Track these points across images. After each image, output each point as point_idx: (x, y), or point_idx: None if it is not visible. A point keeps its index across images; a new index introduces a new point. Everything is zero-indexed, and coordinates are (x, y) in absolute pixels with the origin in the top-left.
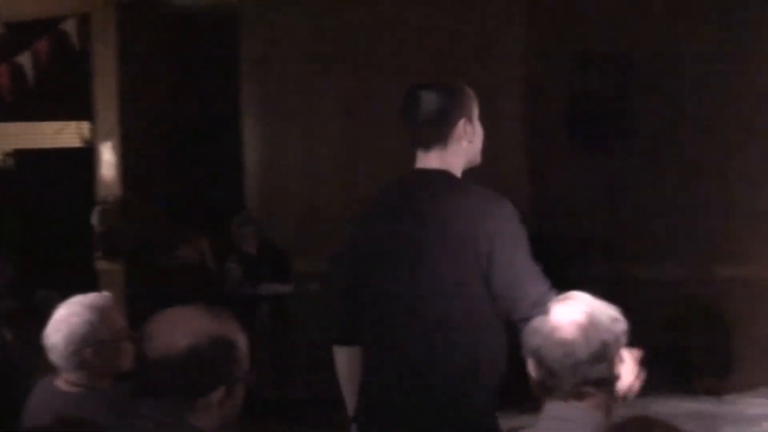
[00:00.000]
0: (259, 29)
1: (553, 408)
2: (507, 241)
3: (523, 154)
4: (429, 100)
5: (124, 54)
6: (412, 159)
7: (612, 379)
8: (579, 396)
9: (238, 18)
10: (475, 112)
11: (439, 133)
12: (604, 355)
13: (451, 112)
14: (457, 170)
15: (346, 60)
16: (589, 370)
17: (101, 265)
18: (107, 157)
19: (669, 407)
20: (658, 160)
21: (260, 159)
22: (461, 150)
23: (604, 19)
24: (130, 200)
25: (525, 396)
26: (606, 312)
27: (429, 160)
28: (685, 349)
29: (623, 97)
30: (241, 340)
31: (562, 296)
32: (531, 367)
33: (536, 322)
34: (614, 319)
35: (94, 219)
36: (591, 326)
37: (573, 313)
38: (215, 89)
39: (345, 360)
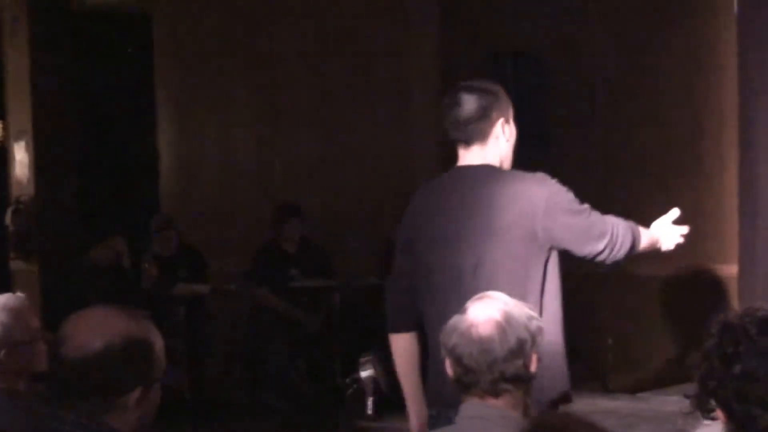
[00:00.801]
0: (173, 26)
1: (471, 407)
2: (560, 212)
3: (435, 152)
4: (471, 100)
5: (37, 52)
6: (454, 157)
7: (528, 376)
8: (496, 393)
9: (153, 15)
10: (511, 113)
11: (479, 132)
12: (521, 353)
13: (491, 112)
14: (496, 165)
15: (261, 59)
16: (505, 367)
17: (16, 265)
18: (20, 156)
19: (585, 405)
20: (571, 156)
21: (175, 158)
22: (498, 148)
23: (518, 15)
24: (43, 200)
25: None
26: (522, 310)
27: (469, 157)
28: (601, 348)
29: (537, 94)
30: (158, 341)
31: (478, 295)
32: (449, 366)
33: (453, 320)
34: (530, 317)
35: (8, 219)
36: (507, 324)
37: (489, 311)
38: (130, 87)
39: (407, 347)
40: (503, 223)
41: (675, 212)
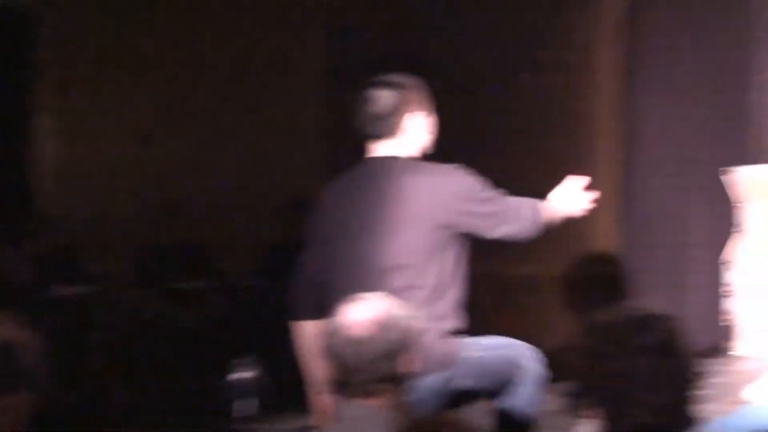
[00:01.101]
0: (57, 25)
1: (348, 407)
2: (472, 201)
3: (322, 166)
4: (383, 96)
5: None
6: (362, 150)
7: (405, 376)
8: (372, 394)
9: (33, 16)
10: (427, 105)
11: (392, 126)
12: (397, 353)
13: (404, 106)
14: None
15: (148, 59)
16: (382, 367)
17: None
18: None
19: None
20: (466, 166)
21: (57, 158)
22: (414, 140)
23: (407, 29)
24: None
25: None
26: (399, 311)
27: (382, 149)
28: None
29: None
30: (28, 345)
31: (356, 296)
32: (327, 366)
33: (330, 321)
34: (407, 318)
35: None
36: (385, 324)
37: (366, 311)
38: (7, 88)
39: (311, 334)
40: (415, 214)
41: (581, 179)
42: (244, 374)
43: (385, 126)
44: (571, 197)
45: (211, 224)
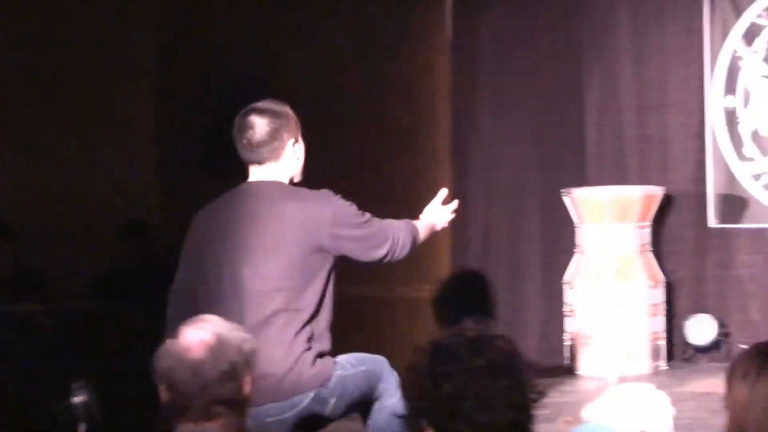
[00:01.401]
0: None
1: (184, 431)
2: (344, 226)
3: (157, 189)
4: (263, 123)
5: None
6: (245, 175)
7: (242, 399)
8: (209, 417)
9: None
10: (299, 131)
11: (271, 153)
12: (233, 375)
13: (283, 134)
14: (286, 183)
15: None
16: (218, 390)
17: None
18: None
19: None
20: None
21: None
22: (288, 167)
23: (240, 47)
24: None
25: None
26: (235, 333)
27: (262, 174)
28: None
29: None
30: None
31: (192, 319)
32: (161, 390)
33: (165, 344)
34: (243, 340)
35: None
36: (220, 347)
37: (202, 333)
38: None
39: None
40: (290, 238)
41: (443, 192)
42: (76, 399)
43: (263, 152)
44: (437, 212)
45: (47, 248)
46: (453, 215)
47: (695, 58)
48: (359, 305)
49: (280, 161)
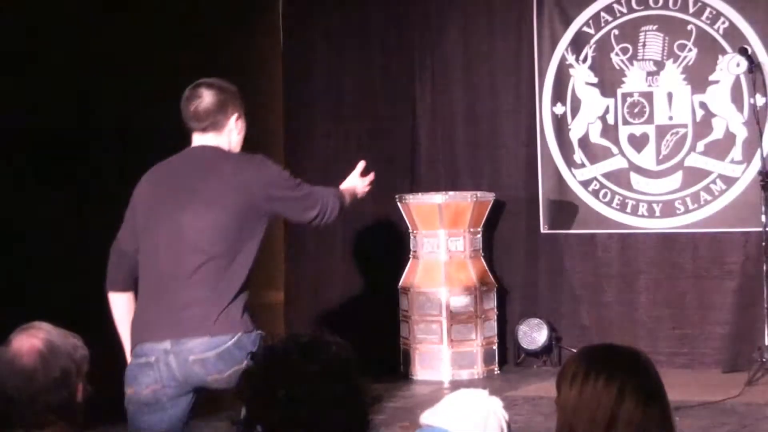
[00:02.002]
0: None
1: None
2: (277, 188)
3: None
4: (211, 95)
5: None
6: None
7: (74, 406)
8: (41, 425)
9: None
10: (243, 109)
11: (216, 123)
12: (66, 382)
13: (228, 107)
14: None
15: None
16: (50, 397)
17: None
18: None
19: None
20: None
21: None
22: (230, 138)
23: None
24: None
25: None
26: (67, 340)
27: (204, 141)
28: None
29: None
30: None
31: (23, 326)
32: None
33: None
34: (75, 347)
35: None
36: (51, 354)
37: (32, 341)
38: None
39: (121, 304)
40: (225, 194)
41: (361, 164)
42: None
43: (208, 121)
44: (357, 180)
45: None
46: (370, 185)
47: (526, 66)
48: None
49: (223, 132)
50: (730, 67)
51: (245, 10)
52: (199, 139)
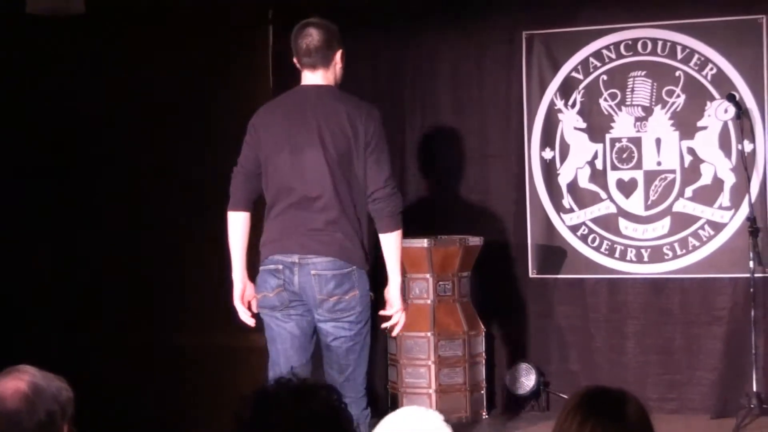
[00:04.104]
0: None
1: None
2: (375, 137)
3: None
4: (319, 33)
5: None
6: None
7: None
8: None
9: None
10: (342, 43)
11: (325, 58)
12: (51, 425)
13: (334, 43)
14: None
15: None
16: None
17: None
18: None
19: None
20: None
21: None
22: (335, 73)
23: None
24: None
25: None
26: (52, 382)
27: (313, 78)
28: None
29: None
30: None
31: (7, 369)
32: None
33: None
34: (60, 389)
35: None
36: (36, 396)
37: (17, 383)
38: None
39: (240, 223)
40: (340, 131)
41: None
42: None
43: (321, 57)
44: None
45: None
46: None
47: (515, 111)
48: (178, 354)
49: (330, 67)
50: (718, 113)
51: (237, 49)
52: (310, 77)
